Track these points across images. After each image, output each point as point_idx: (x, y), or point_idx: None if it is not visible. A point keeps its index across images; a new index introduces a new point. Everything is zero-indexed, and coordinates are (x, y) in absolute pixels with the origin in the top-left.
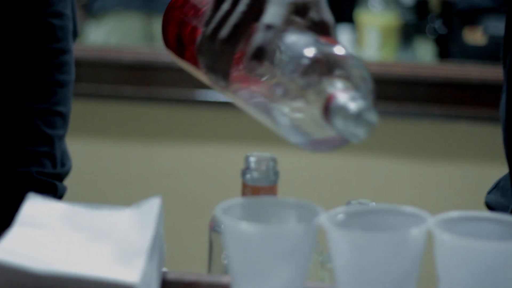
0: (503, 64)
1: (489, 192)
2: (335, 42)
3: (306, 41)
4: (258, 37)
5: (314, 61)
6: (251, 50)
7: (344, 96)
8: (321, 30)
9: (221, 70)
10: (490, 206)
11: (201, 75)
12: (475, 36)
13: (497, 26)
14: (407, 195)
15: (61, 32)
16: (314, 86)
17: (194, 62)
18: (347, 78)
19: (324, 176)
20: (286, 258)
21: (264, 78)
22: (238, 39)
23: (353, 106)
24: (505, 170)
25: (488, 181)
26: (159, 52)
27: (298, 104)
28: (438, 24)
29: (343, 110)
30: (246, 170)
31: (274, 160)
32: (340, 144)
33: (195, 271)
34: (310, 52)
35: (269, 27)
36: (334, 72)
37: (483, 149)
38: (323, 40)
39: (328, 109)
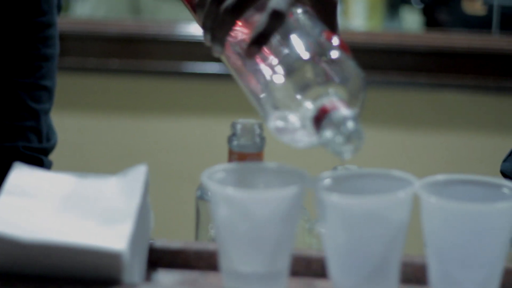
0: None
1: (504, 160)
2: (336, 35)
3: (307, 39)
4: (263, 22)
5: (310, 66)
6: (254, 34)
7: (340, 113)
8: (325, 9)
9: (218, 37)
10: (505, 174)
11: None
12: (474, 6)
13: None
14: (394, 164)
15: (46, 6)
16: (307, 91)
17: (192, 7)
18: (343, 86)
19: None
20: (272, 223)
21: (259, 59)
22: (242, 12)
23: (347, 127)
24: (490, 137)
25: (474, 149)
26: (145, 24)
27: (289, 100)
28: None
29: (336, 127)
30: (232, 136)
31: (261, 126)
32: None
33: (182, 239)
34: (306, 55)
35: (275, 13)
36: (329, 79)
37: (470, 118)
38: (324, 36)
39: (321, 120)
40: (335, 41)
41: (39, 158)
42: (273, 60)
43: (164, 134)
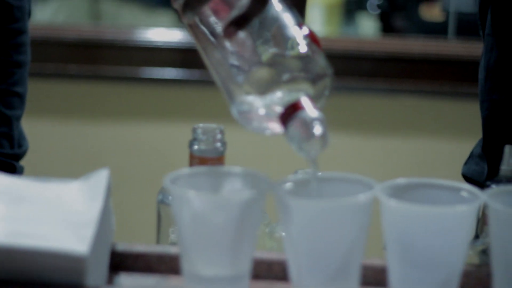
0: (481, 27)
1: (465, 163)
2: (310, 28)
3: (282, 30)
4: (247, 4)
5: (282, 57)
6: (235, 15)
7: (307, 114)
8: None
9: (192, 6)
10: (466, 176)
11: None
12: (432, 12)
13: (455, 3)
14: (353, 169)
15: (19, 12)
16: (276, 83)
17: None
18: (312, 81)
19: (271, 149)
20: (233, 226)
21: (232, 42)
22: None
23: (314, 129)
24: (447, 141)
25: (431, 153)
26: (104, 30)
27: (256, 89)
28: (379, 1)
29: (303, 127)
30: (193, 141)
31: (222, 131)
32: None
33: (144, 243)
34: (280, 46)
35: None
36: (299, 73)
37: (427, 122)
38: (299, 29)
39: (288, 118)
40: (309, 34)
41: (11, 164)
42: (247, 45)
43: (125, 138)
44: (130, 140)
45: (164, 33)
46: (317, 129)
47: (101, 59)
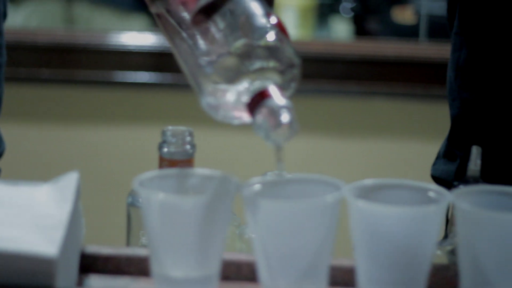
0: (449, 27)
1: (433, 164)
2: (278, 18)
3: (251, 19)
4: None
5: (250, 47)
6: (204, 2)
7: (275, 101)
8: None
9: None
10: (435, 177)
11: None
12: (404, 15)
13: (427, 5)
14: (326, 171)
15: None
16: (244, 71)
17: None
18: (280, 70)
19: (241, 151)
20: (201, 228)
21: (201, 32)
22: None
23: (281, 117)
24: (420, 143)
25: (405, 155)
26: (76, 34)
27: (225, 78)
28: (352, 4)
29: (270, 115)
30: (162, 143)
31: (191, 133)
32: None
33: (114, 245)
34: (249, 35)
35: None
36: (268, 62)
37: (399, 125)
38: (267, 18)
39: (256, 106)
40: (277, 24)
41: None
42: (215, 35)
43: (95, 142)
44: (101, 143)
45: (137, 37)
46: (285, 117)
47: (74, 63)
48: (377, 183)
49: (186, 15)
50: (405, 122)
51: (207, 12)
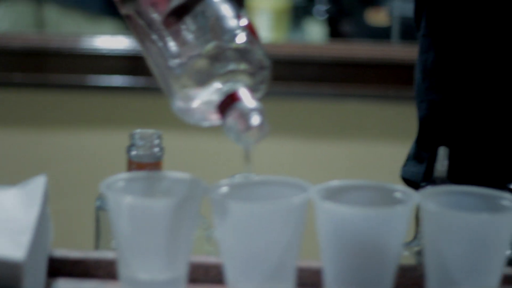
0: (416, 29)
1: (403, 166)
2: (248, 20)
3: (221, 22)
4: None
5: (221, 49)
6: (175, 4)
7: (246, 104)
8: None
9: None
10: (405, 179)
11: None
12: (378, 17)
13: (400, 7)
14: (299, 173)
15: None
16: (215, 74)
17: None
18: (250, 73)
19: (209, 154)
20: (169, 231)
21: (172, 35)
22: None
23: (252, 119)
24: (392, 145)
25: (377, 156)
26: (48, 38)
27: (196, 81)
28: (326, 6)
29: (241, 117)
30: (131, 146)
31: (159, 136)
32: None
33: (83, 249)
34: (219, 38)
35: None
36: (238, 65)
37: (372, 126)
38: (238, 20)
39: (226, 108)
40: (248, 26)
41: None
42: (186, 37)
43: (65, 145)
44: (71, 146)
45: (109, 41)
46: (255, 120)
47: (46, 67)
48: (343, 185)
49: (156, 17)
50: (377, 124)
51: (178, 14)
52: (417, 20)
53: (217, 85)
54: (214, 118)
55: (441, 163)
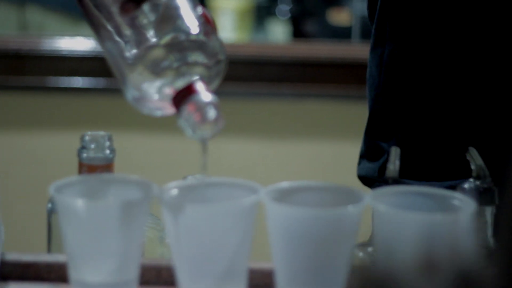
0: (370, 22)
1: (358, 164)
2: (206, 12)
3: (178, 12)
4: None
5: (177, 40)
6: None
7: (201, 98)
8: None
9: None
10: (361, 176)
11: None
12: (340, 17)
13: (362, 7)
14: (259, 174)
15: None
16: (170, 65)
17: None
18: (206, 65)
19: (161, 155)
20: (118, 233)
21: (127, 25)
22: None
23: (208, 113)
24: (353, 144)
25: (338, 156)
26: (9, 39)
27: (151, 72)
28: (289, 6)
29: (198, 110)
30: (82, 149)
31: (110, 138)
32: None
33: (35, 252)
34: (176, 29)
35: None
36: (195, 55)
37: (332, 126)
38: (196, 12)
39: (182, 101)
40: (203, 15)
41: None
42: (141, 27)
43: (17, 148)
44: (25, 149)
45: (70, 42)
46: (211, 113)
47: (5, 69)
48: (294, 186)
49: (112, 6)
50: (338, 123)
51: (136, 1)
52: (370, 15)
53: (172, 76)
54: (169, 109)
55: (393, 163)
